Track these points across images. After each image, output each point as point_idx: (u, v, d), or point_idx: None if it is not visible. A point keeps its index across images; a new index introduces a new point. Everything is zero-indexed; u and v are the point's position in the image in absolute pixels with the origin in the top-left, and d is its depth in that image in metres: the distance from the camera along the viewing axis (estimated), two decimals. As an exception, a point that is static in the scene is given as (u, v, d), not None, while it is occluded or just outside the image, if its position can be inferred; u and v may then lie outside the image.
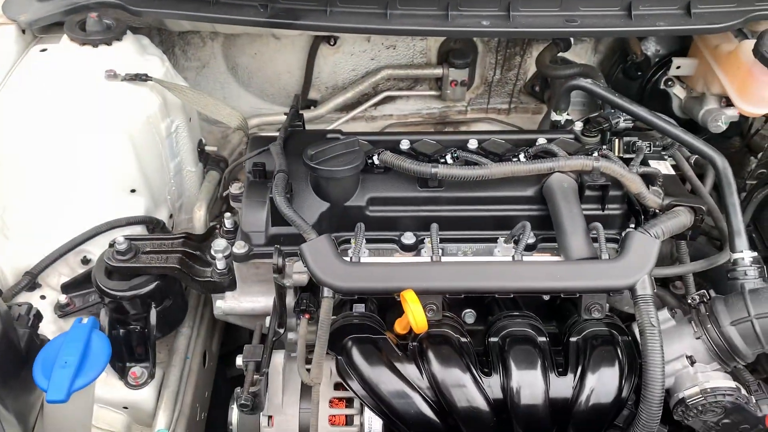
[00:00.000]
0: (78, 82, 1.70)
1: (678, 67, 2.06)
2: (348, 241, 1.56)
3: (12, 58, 1.80)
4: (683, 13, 1.70)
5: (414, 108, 2.44)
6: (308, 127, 2.25)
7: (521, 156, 1.59)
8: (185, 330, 1.80)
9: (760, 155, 1.96)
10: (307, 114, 2.27)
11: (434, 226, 1.48)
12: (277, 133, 2.22)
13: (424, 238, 1.55)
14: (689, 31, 1.77)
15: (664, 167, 1.71)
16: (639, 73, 2.18)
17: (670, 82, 2.13)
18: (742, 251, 1.48)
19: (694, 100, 2.08)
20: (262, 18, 1.72)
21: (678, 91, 2.13)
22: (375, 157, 1.58)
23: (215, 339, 2.04)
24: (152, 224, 1.80)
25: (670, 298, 1.74)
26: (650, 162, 1.71)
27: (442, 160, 1.59)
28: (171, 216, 1.95)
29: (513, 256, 1.40)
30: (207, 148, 2.05)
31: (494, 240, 1.56)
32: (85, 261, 1.74)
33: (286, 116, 1.82)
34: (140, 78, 1.72)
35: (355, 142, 1.55)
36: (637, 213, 1.57)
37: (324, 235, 1.39)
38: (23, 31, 1.84)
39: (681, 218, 1.46)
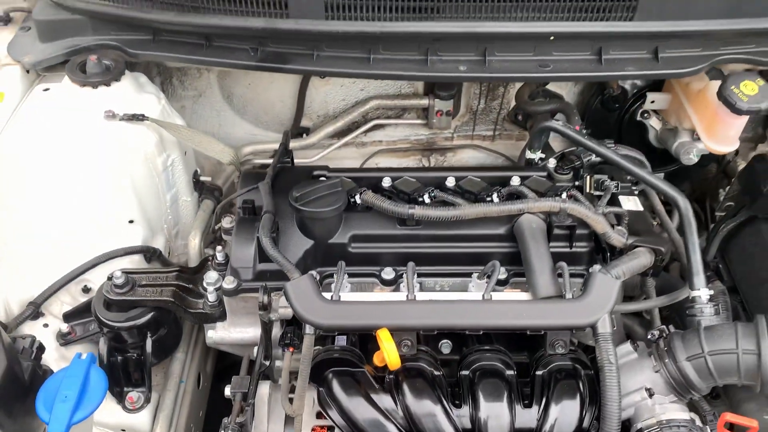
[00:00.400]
0: (79, 122, 1.80)
1: (652, 102, 2.15)
2: (332, 275, 1.66)
3: (18, 96, 1.90)
4: (651, 57, 1.78)
5: (402, 134, 2.53)
6: (301, 153, 2.37)
7: (494, 196, 1.69)
8: (180, 355, 1.91)
9: (727, 189, 2.05)
10: (299, 142, 2.38)
11: (410, 264, 1.58)
12: (269, 160, 2.34)
13: (403, 273, 1.64)
14: (656, 76, 1.86)
15: (633, 203, 1.81)
16: (616, 105, 2.27)
17: (645, 114, 2.22)
18: (699, 289, 1.57)
19: (668, 132, 2.17)
20: (252, 62, 1.81)
21: (654, 123, 2.22)
22: (357, 197, 1.68)
23: (209, 360, 2.14)
24: (149, 253, 1.90)
25: (638, 327, 1.84)
26: (620, 198, 1.81)
27: (420, 199, 1.69)
28: (167, 242, 2.06)
29: (483, 295, 1.49)
30: (202, 178, 2.15)
31: (469, 275, 1.66)
32: (86, 290, 1.85)
33: (276, 153, 1.91)
34: (137, 118, 1.82)
35: (337, 183, 1.65)
36: (603, 250, 1.67)
37: (306, 275, 1.49)
38: (27, 71, 1.94)
39: (641, 259, 1.55)
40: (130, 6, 1.78)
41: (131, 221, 1.89)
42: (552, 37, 1.70)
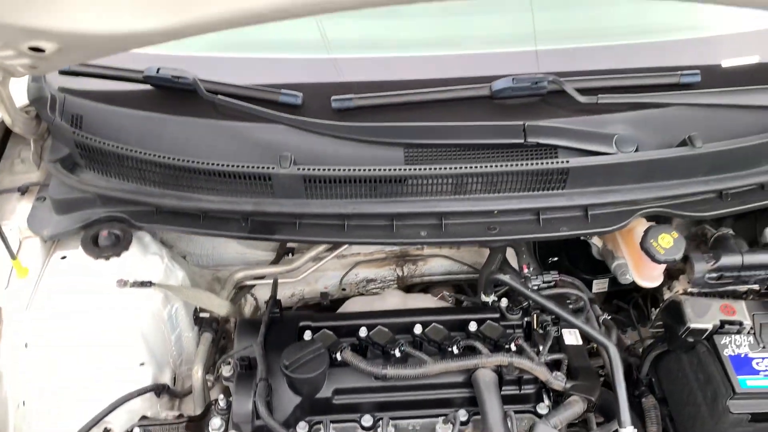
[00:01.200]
0: (94, 291, 2.09)
1: (592, 230, 2.46)
2: (319, 423, 1.96)
3: (39, 265, 2.18)
4: (583, 215, 2.09)
5: (378, 247, 2.83)
6: (288, 275, 2.66)
7: (455, 347, 1.99)
8: (191, 481, 2.20)
9: (657, 311, 2.36)
10: (285, 267, 2.66)
11: (385, 418, 1.89)
12: (258, 281, 2.61)
13: (381, 419, 1.95)
14: (586, 234, 2.17)
15: (573, 338, 2.12)
16: (563, 227, 2.58)
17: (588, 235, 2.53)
18: (626, 427, 1.88)
19: (607, 251, 2.48)
20: (243, 233, 2.10)
21: (596, 241, 2.53)
22: (338, 354, 1.98)
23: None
24: (159, 389, 2.19)
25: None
26: (563, 331, 2.12)
27: (393, 352, 1.98)
28: (173, 371, 2.35)
29: (445, 448, 1.81)
30: (201, 314, 2.44)
31: (437, 416, 1.97)
32: (106, 431, 2.13)
33: (266, 305, 2.20)
34: (145, 285, 2.11)
35: (320, 346, 1.94)
36: (548, 391, 1.99)
37: (298, 441, 1.80)
38: (45, 241, 2.22)
39: (575, 408, 1.87)
40: (134, 192, 2.07)
41: (142, 363, 2.18)
42: (496, 212, 2.01)
